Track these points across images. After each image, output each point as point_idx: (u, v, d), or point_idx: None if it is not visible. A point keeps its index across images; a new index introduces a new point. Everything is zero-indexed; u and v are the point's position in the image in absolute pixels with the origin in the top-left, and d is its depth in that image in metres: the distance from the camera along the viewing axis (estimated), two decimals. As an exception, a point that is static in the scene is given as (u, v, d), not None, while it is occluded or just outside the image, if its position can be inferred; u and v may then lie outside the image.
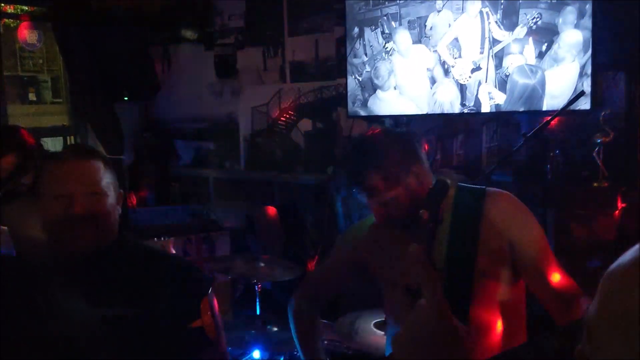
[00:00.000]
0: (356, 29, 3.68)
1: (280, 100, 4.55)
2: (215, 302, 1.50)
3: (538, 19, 3.09)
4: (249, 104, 4.75)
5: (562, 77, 3.09)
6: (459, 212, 1.67)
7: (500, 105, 3.27)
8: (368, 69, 3.68)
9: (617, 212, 2.94)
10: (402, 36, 3.52)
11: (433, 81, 3.44)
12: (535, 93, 3.16)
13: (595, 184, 3.04)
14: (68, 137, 4.97)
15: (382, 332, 2.25)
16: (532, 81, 3.16)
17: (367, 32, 3.64)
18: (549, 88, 3.14)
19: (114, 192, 1.50)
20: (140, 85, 4.38)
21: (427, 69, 3.44)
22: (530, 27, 3.12)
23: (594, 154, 3.01)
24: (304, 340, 1.94)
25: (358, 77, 3.72)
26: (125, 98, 4.40)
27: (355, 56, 3.72)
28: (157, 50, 4.95)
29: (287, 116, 4.53)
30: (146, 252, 1.57)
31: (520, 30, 3.15)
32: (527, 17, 3.12)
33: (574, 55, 3.05)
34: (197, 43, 4.93)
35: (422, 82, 3.47)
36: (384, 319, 2.31)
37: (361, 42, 3.68)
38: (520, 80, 3.19)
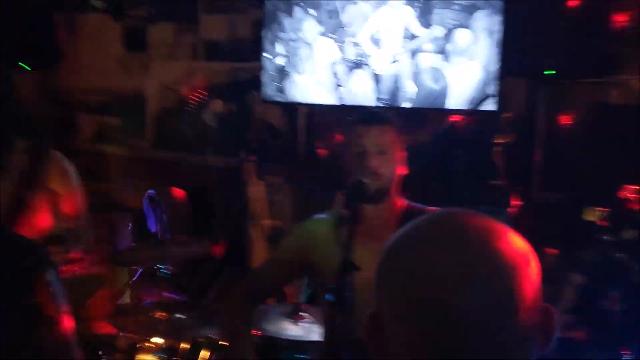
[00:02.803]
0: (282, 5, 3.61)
1: (192, 78, 4.44)
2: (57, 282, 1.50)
3: (456, 22, 3.20)
4: (158, 80, 4.59)
5: (463, 75, 3.23)
6: None
7: (414, 99, 3.36)
8: (290, 46, 3.61)
9: (510, 209, 3.13)
10: (314, 25, 3.52)
11: (349, 72, 3.47)
12: (439, 100, 3.28)
13: (492, 182, 3.22)
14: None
15: (291, 320, 2.29)
16: (437, 86, 3.27)
17: (296, 11, 3.57)
18: (452, 87, 3.27)
19: None
20: (40, 53, 4.11)
21: (343, 59, 3.47)
22: (450, 29, 3.22)
23: (494, 154, 3.18)
24: (234, 335, 1.89)
25: (283, 52, 3.63)
26: (24, 65, 4.12)
27: (281, 31, 3.62)
28: (61, 17, 4.66)
29: (199, 96, 4.42)
30: None
31: (437, 29, 3.24)
32: (443, 19, 3.22)
33: (470, 54, 3.18)
34: (106, 13, 4.69)
35: (338, 72, 3.50)
36: (292, 308, 2.35)
37: (286, 19, 3.60)
38: (428, 82, 3.30)
